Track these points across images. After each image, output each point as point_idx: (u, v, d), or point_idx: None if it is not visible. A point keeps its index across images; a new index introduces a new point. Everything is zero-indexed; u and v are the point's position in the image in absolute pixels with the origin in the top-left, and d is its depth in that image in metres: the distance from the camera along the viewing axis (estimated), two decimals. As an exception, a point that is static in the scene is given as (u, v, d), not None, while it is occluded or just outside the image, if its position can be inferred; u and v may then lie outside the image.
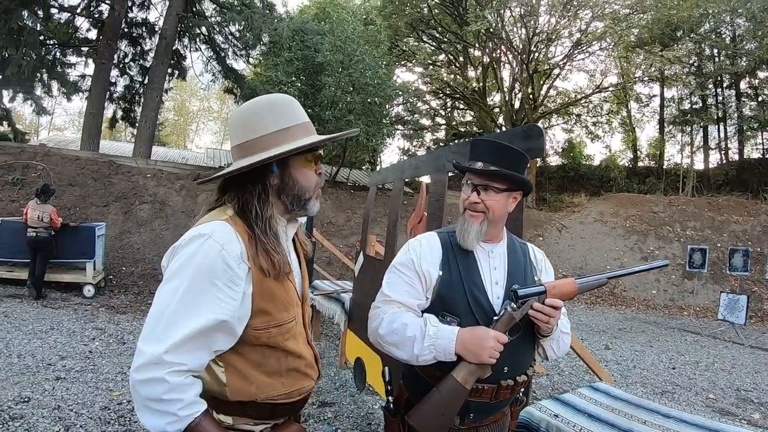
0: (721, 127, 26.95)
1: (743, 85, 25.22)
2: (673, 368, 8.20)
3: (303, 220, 2.09)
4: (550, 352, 1.98)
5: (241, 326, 1.46)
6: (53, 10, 17.58)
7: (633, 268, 2.03)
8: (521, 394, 2.08)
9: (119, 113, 21.19)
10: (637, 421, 2.50)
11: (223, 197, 1.60)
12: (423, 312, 1.90)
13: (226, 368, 1.49)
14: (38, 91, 17.95)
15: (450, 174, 3.44)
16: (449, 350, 1.73)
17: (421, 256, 1.92)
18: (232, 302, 1.42)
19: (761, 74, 22.66)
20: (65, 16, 18.32)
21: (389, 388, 1.98)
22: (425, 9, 23.49)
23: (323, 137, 1.60)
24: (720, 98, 26.04)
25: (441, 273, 1.89)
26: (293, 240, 1.76)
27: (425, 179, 4.11)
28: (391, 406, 1.96)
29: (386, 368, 2.01)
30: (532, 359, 2.00)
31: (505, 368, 1.83)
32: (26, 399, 4.76)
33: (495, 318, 1.81)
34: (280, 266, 1.51)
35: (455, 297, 1.87)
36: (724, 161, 27.05)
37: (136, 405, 1.37)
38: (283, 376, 1.58)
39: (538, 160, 28.28)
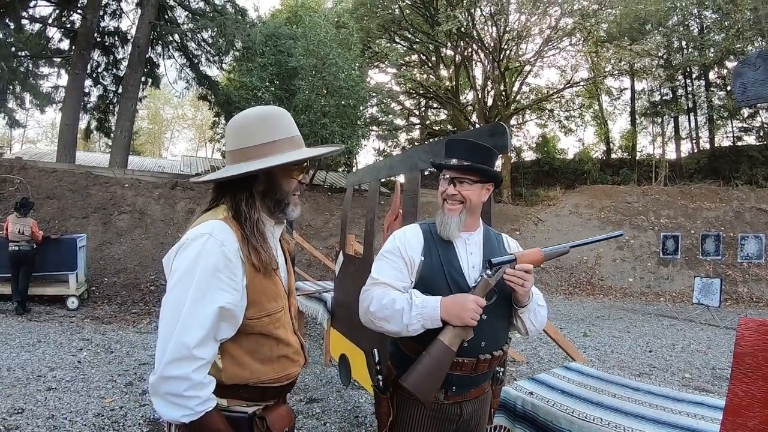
0: (692, 117, 27.36)
1: (712, 75, 25.61)
2: (650, 351, 8.43)
3: None
4: (529, 324, 2.13)
5: (241, 315, 1.61)
6: (24, 21, 17.41)
7: (592, 238, 2.30)
8: (501, 373, 2.25)
9: (94, 123, 21.06)
10: (607, 395, 2.65)
11: (218, 199, 1.76)
12: None
13: (222, 355, 1.63)
14: (11, 104, 17.81)
15: (426, 172, 3.58)
16: (435, 316, 1.91)
17: (405, 243, 2.11)
18: (234, 292, 1.57)
19: (729, 64, 23.00)
20: (37, 26, 18.17)
21: (378, 368, 2.13)
22: (397, 10, 23.56)
23: (303, 156, 1.74)
24: (689, 89, 26.40)
25: (423, 258, 2.08)
26: (279, 239, 1.92)
27: (400, 178, 4.24)
28: (380, 384, 2.12)
29: (375, 350, 2.17)
30: (507, 336, 2.19)
31: (483, 343, 2.01)
32: (20, 410, 4.81)
33: (473, 286, 2.01)
34: (267, 263, 1.66)
35: (436, 279, 2.05)
36: (696, 150, 27.48)
37: (155, 397, 1.51)
38: (274, 362, 1.72)
39: (513, 155, 28.54)
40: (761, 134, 24.84)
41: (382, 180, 4.65)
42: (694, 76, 26.24)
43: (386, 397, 2.11)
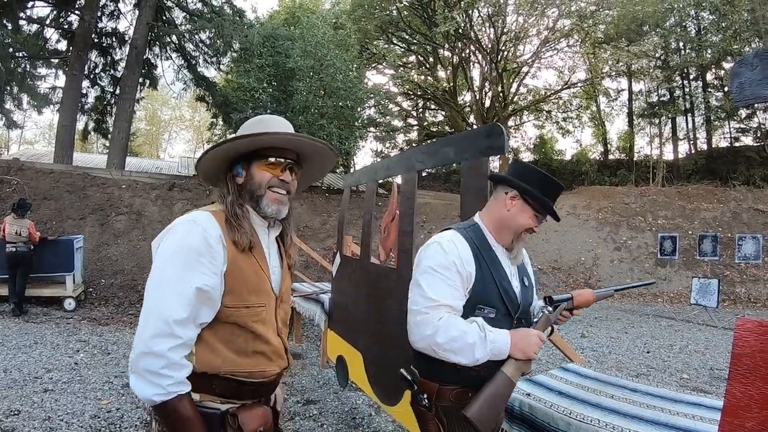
0: (689, 118, 27.44)
1: (709, 76, 25.64)
2: (648, 352, 8.44)
3: None
4: None
5: (218, 300, 1.67)
6: (22, 22, 17.40)
7: (630, 285, 2.51)
8: None
9: (91, 125, 21.06)
10: (605, 396, 2.65)
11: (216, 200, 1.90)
12: None
13: (198, 341, 1.67)
14: (8, 105, 17.80)
15: (424, 173, 3.58)
16: (505, 352, 1.92)
17: (460, 257, 2.02)
18: (213, 276, 1.64)
19: (726, 65, 23.03)
20: (34, 27, 18.16)
21: (416, 387, 2.07)
22: (394, 11, 23.56)
23: (264, 133, 1.79)
24: (687, 90, 26.47)
25: (476, 270, 2.04)
26: (280, 247, 1.99)
27: (397, 179, 4.24)
28: (426, 402, 2.04)
29: (402, 370, 2.11)
30: None
31: None
32: (16, 412, 4.81)
33: (534, 321, 2.11)
34: (243, 240, 1.72)
35: (489, 290, 2.04)
36: (693, 151, 27.53)
37: (133, 374, 1.57)
38: (249, 357, 1.75)
39: (510, 157, 28.54)
40: (758, 135, 24.85)
41: (380, 181, 4.64)
42: (691, 77, 26.29)
43: (432, 415, 2.05)
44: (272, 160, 1.81)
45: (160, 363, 1.53)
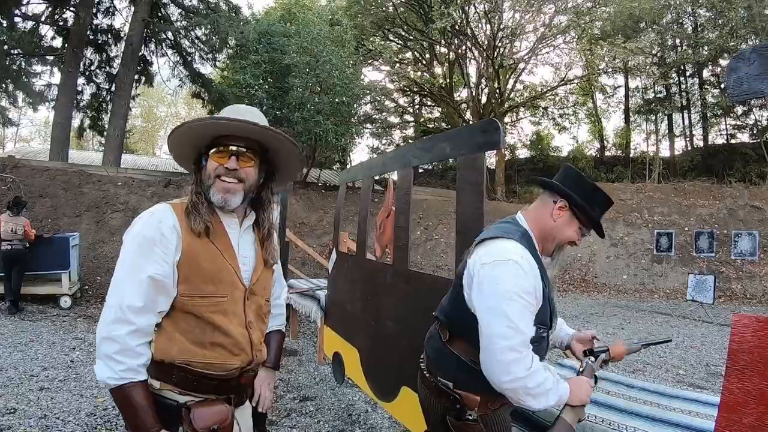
0: (686, 115, 27.57)
1: (706, 73, 25.79)
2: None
3: (275, 220, 2.28)
4: None
5: (172, 288, 1.73)
6: (17, 19, 17.32)
7: (652, 341, 2.59)
8: None
9: (87, 122, 20.99)
10: (602, 392, 2.64)
11: None
12: None
13: (158, 329, 1.74)
14: (3, 102, 17.75)
15: (421, 169, 3.57)
16: (565, 399, 1.88)
17: (537, 277, 1.89)
18: (165, 264, 1.70)
19: (723, 62, 23.12)
20: (30, 24, 18.04)
21: (458, 405, 1.98)
22: (390, 8, 23.57)
23: (210, 118, 1.82)
24: (683, 87, 26.58)
25: (543, 289, 1.93)
26: (261, 239, 2.02)
27: (394, 175, 4.23)
28: (473, 416, 1.96)
29: (446, 384, 2.03)
30: None
31: None
32: (12, 410, 4.78)
33: (580, 370, 2.14)
34: (198, 225, 1.77)
35: (544, 308, 1.96)
36: (689, 148, 27.64)
37: (97, 358, 1.65)
38: (206, 348, 1.76)
39: (507, 153, 28.61)
40: (755, 132, 24.96)
41: (376, 177, 4.63)
42: (687, 73, 26.41)
43: (478, 425, 1.96)
44: (221, 148, 1.82)
45: (115, 348, 1.61)
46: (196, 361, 1.73)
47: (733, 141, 26.06)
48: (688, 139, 28.16)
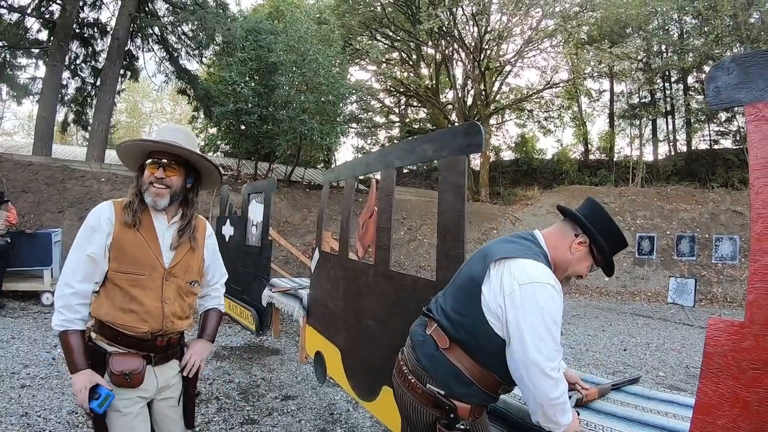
0: (670, 120, 27.81)
1: (690, 79, 25.99)
2: (625, 350, 8.53)
3: (259, 218, 2.75)
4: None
5: (103, 263, 2.28)
6: (2, 11, 17.16)
7: (620, 381, 2.66)
8: None
9: (71, 116, 20.83)
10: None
11: None
12: None
13: (96, 294, 2.34)
14: (-14, 95, 17.58)
15: (405, 170, 3.57)
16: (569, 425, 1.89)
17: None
18: (99, 246, 2.27)
19: (707, 69, 23.26)
20: (15, 16, 17.85)
21: (452, 415, 1.97)
22: (378, 8, 23.58)
23: (138, 140, 2.45)
24: (668, 92, 26.80)
25: None
26: (190, 234, 2.50)
27: (376, 175, 4.22)
28: (463, 425, 1.97)
29: (440, 392, 2.01)
30: None
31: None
32: (-9, 407, 4.74)
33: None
34: (127, 218, 2.30)
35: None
36: (673, 153, 27.92)
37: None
38: (125, 313, 2.28)
39: (492, 155, 28.72)
40: (737, 138, 25.20)
41: (360, 177, 4.63)
42: (672, 79, 26.63)
43: None
44: (154, 159, 2.34)
45: (60, 303, 2.22)
46: (117, 322, 2.27)
47: (716, 147, 26.33)
48: (671, 144, 28.47)
